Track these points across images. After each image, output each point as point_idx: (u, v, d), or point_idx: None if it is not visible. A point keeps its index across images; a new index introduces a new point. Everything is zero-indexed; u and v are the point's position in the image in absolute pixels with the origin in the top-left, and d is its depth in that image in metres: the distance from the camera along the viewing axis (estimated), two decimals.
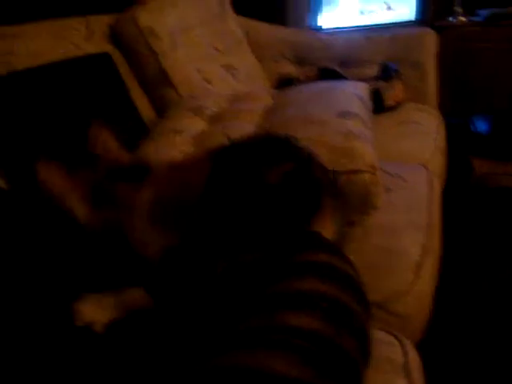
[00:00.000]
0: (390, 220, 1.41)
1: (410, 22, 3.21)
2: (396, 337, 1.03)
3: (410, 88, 2.39)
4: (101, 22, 1.95)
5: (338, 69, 2.54)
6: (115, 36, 1.96)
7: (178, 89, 1.94)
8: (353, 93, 1.67)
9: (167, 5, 2.06)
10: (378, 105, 2.21)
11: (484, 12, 2.99)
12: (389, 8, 3.28)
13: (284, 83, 2.47)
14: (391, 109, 2.30)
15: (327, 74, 2.50)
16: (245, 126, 1.54)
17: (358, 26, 3.28)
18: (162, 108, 1.94)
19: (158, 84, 1.95)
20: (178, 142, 1.50)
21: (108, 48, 1.92)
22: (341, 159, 1.28)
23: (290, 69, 2.57)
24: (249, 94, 1.89)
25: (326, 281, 0.84)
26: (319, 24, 3.19)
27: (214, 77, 2.10)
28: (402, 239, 1.36)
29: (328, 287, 0.83)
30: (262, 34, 2.58)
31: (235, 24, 2.46)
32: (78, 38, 1.82)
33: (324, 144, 1.32)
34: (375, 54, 2.52)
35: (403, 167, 1.76)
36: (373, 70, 2.43)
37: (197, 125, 1.61)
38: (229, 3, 2.47)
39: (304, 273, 0.84)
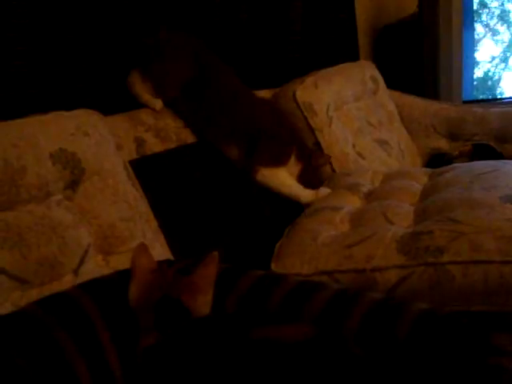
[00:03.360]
0: None
1: None
2: None
3: None
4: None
5: (493, 144, 2.46)
6: None
7: (333, 163, 1.97)
8: None
9: (323, 81, 2.13)
10: None
11: None
12: None
13: (436, 158, 2.43)
14: None
15: (481, 149, 2.42)
16: (402, 206, 1.53)
17: None
18: None
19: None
20: (335, 219, 1.52)
21: None
22: (509, 249, 1.22)
23: (441, 144, 2.53)
24: (404, 172, 1.87)
25: None
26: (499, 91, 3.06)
27: (367, 152, 2.11)
28: None
29: None
30: (413, 108, 2.56)
31: (387, 98, 2.47)
32: None
33: (490, 231, 1.27)
34: None
35: None
36: None
37: (354, 203, 1.62)
38: (381, 78, 2.50)
39: None
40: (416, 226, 1.40)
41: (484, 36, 3.13)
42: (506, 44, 3.12)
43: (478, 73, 3.16)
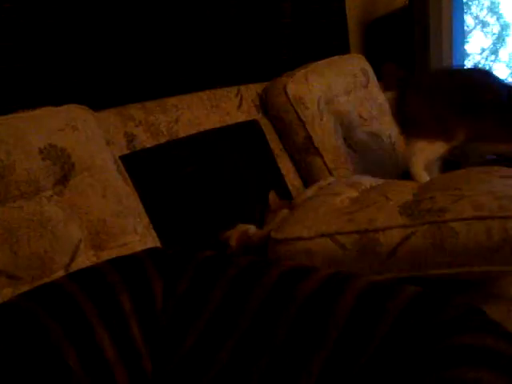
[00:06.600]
0: None
1: None
2: None
3: None
4: (250, 91, 2.04)
5: None
6: (263, 104, 2.05)
7: (325, 157, 1.97)
8: None
9: (313, 74, 2.12)
10: None
11: None
12: None
13: None
14: None
15: None
16: (403, 190, 1.52)
17: None
18: (307, 176, 1.99)
19: (305, 152, 1.99)
20: (336, 200, 1.51)
21: (256, 115, 2.02)
22: (511, 205, 1.24)
23: None
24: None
25: (493, 371, 0.78)
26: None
27: (359, 145, 2.11)
28: None
29: (496, 379, 0.77)
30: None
31: (378, 91, 2.47)
32: (230, 106, 1.92)
33: (491, 193, 1.29)
34: None
35: None
36: None
37: (352, 192, 1.61)
38: (372, 71, 2.50)
39: (462, 362, 0.78)
40: (418, 196, 1.41)
41: (474, 28, 3.14)
42: (496, 36, 3.12)
43: (469, 64, 3.16)
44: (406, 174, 1.84)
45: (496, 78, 1.85)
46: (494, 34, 3.10)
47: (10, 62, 1.39)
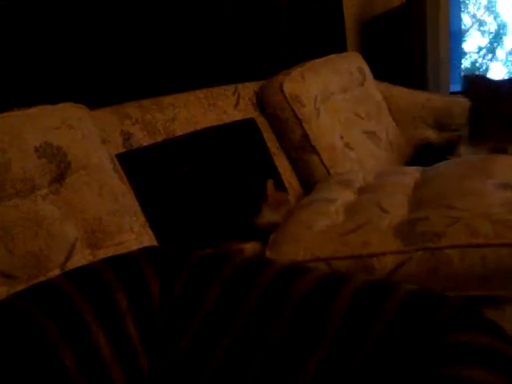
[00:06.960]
0: None
1: None
2: None
3: None
4: (247, 89, 2.04)
5: None
6: (260, 102, 2.05)
7: (322, 155, 1.97)
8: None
9: (310, 72, 2.12)
10: None
11: None
12: None
13: (424, 149, 2.44)
14: None
15: None
16: (396, 196, 1.53)
17: None
18: (304, 174, 1.99)
19: (302, 150, 1.99)
20: (330, 210, 1.52)
21: (253, 114, 2.02)
22: (506, 232, 1.23)
23: (429, 134, 2.53)
24: (395, 169, 1.89)
25: (488, 370, 0.78)
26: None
27: (355, 143, 2.12)
28: None
29: (492, 378, 0.77)
30: (401, 99, 2.56)
31: (375, 89, 2.47)
32: (227, 104, 1.92)
33: (486, 216, 1.28)
34: None
35: None
36: None
37: (347, 196, 1.63)
38: (368, 69, 2.50)
39: (457, 360, 0.78)
40: (412, 213, 1.40)
41: (471, 27, 3.14)
42: (493, 34, 3.13)
43: (466, 63, 3.17)
44: None
45: None
46: (491, 32, 3.11)
47: (6, 59, 1.38)
